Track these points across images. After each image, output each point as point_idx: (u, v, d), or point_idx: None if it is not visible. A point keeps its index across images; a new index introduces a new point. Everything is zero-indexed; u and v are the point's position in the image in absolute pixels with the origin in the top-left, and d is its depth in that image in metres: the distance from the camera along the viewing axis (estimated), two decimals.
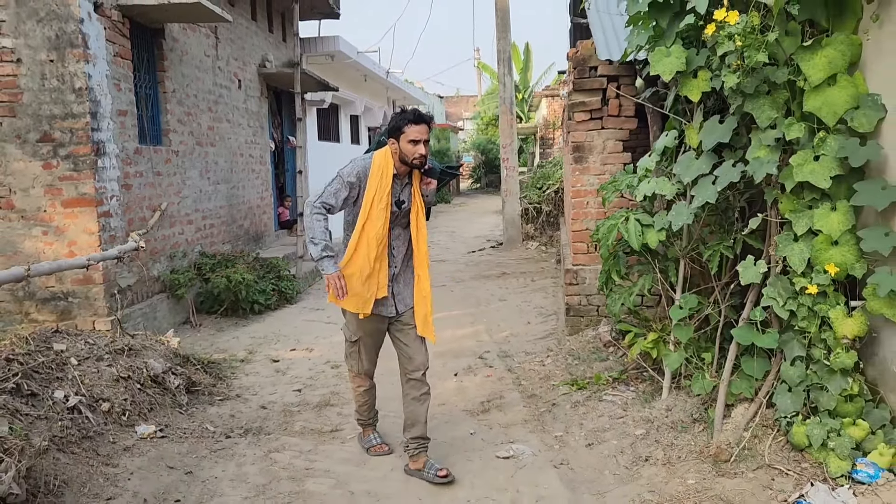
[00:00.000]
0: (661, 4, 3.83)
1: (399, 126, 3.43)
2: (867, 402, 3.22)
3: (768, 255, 3.61)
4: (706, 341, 4.07)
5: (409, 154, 3.43)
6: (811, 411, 3.29)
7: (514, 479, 3.58)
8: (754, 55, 3.26)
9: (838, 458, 3.07)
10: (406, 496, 3.43)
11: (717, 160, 3.77)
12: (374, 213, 3.40)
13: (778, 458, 3.26)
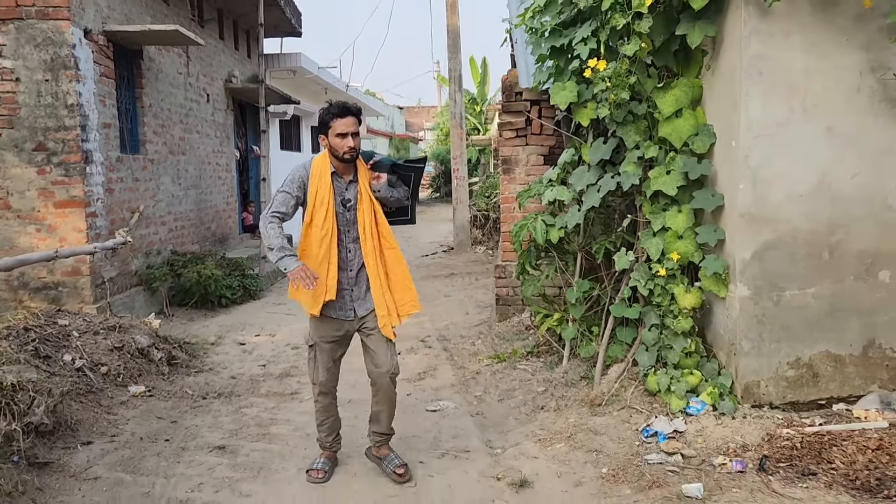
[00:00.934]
0: (557, 49, 4.82)
1: (325, 121, 3.38)
2: (703, 357, 4.23)
3: (636, 247, 4.61)
4: (596, 317, 5.06)
5: (338, 148, 3.36)
6: (662, 365, 4.29)
7: (439, 424, 4.50)
8: (620, 93, 4.26)
9: (677, 398, 4.07)
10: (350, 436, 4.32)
11: (602, 173, 4.77)
12: (316, 214, 3.39)
13: (637, 401, 4.25)
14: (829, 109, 3.85)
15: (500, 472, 3.71)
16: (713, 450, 3.68)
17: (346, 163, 3.43)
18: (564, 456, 3.84)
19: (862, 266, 3.96)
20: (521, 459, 3.86)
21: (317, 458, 3.79)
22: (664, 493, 3.32)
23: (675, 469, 3.54)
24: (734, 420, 3.88)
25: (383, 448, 3.73)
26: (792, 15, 3.79)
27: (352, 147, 3.36)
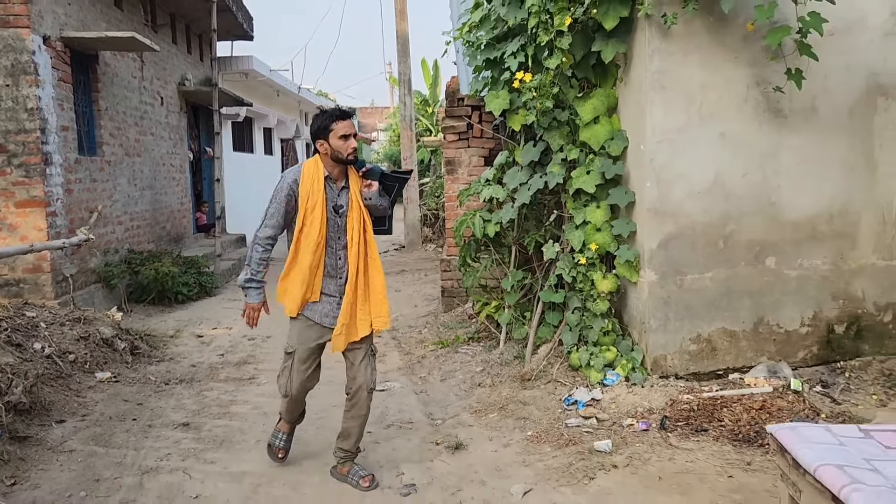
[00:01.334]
0: (491, 61, 5.33)
1: (326, 125, 3.35)
2: (618, 335, 4.79)
3: (562, 239, 5.15)
4: (529, 304, 5.58)
5: (342, 150, 3.35)
6: (583, 343, 4.83)
7: (386, 401, 4.95)
8: (545, 102, 4.79)
9: (596, 371, 4.61)
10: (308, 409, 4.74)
11: (532, 173, 5.29)
12: (309, 218, 3.36)
13: (561, 375, 4.78)
14: (722, 117, 4.44)
15: (438, 439, 4.19)
16: (623, 413, 4.22)
17: (345, 165, 3.42)
18: (496, 423, 4.34)
19: (751, 254, 4.57)
20: (458, 428, 4.35)
21: (278, 432, 3.84)
22: (578, 448, 3.84)
23: (589, 430, 4.07)
24: (643, 388, 4.44)
25: (348, 464, 3.67)
26: (689, 36, 4.37)
27: (355, 148, 3.38)
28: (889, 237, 4.62)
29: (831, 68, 4.44)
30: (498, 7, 5.12)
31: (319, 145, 3.40)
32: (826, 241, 4.60)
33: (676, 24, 4.26)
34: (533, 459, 3.81)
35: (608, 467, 3.61)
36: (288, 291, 3.49)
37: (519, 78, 4.83)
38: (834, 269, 4.62)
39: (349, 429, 3.64)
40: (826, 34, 4.27)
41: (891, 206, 4.59)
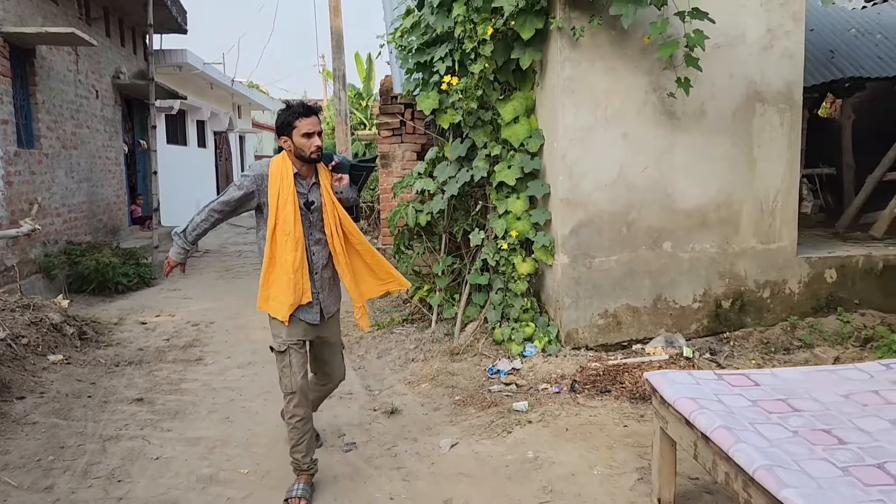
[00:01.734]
0: (422, 64, 5.81)
1: (289, 121, 3.26)
2: (536, 313, 5.36)
3: (487, 227, 5.69)
4: (458, 286, 6.11)
5: (305, 148, 3.25)
6: (506, 320, 5.38)
7: None
8: (470, 103, 5.31)
9: (516, 344, 5.17)
10: (251, 387, 5.15)
11: (459, 167, 5.80)
12: (283, 214, 3.25)
13: (486, 349, 5.32)
14: (624, 119, 5.05)
15: (375, 406, 4.66)
16: (540, 379, 4.79)
17: (310, 163, 3.33)
18: (428, 392, 4.85)
19: (651, 239, 5.20)
20: (393, 396, 4.83)
21: (294, 485, 3.41)
22: (499, 409, 4.39)
23: (509, 394, 4.62)
24: (557, 358, 5.03)
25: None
26: (595, 47, 4.95)
27: (319, 146, 3.27)
28: (766, 224, 5.33)
29: (717, 77, 5.11)
30: (427, 15, 5.59)
31: (283, 142, 3.31)
32: (714, 228, 5.28)
33: (584, 37, 4.84)
34: (459, 419, 4.33)
35: (524, 423, 4.17)
36: (273, 297, 3.31)
37: (447, 81, 5.32)
38: (721, 252, 5.31)
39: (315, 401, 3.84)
40: (712, 47, 4.94)
41: (767, 197, 5.30)
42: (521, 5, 4.85)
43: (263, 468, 3.78)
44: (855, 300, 5.53)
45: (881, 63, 7.53)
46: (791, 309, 5.44)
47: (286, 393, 3.39)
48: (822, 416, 2.58)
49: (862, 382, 2.90)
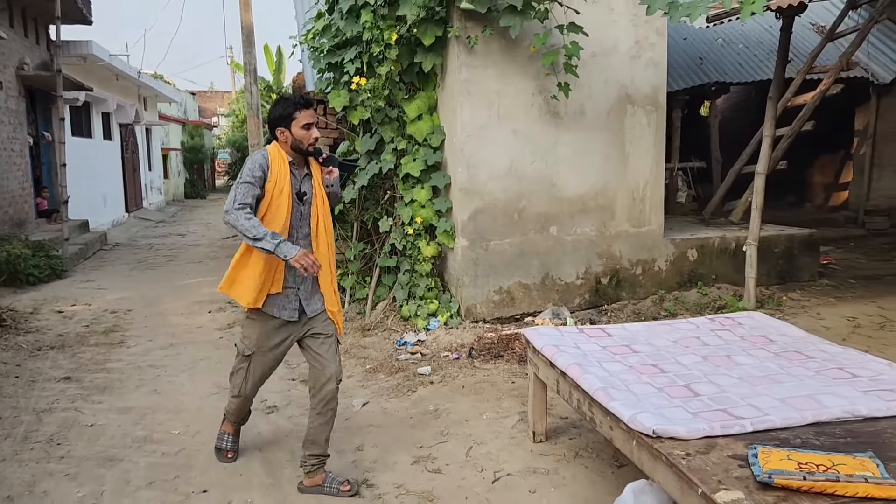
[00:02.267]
0: (333, 65, 6.30)
1: (289, 113, 3.22)
2: (440, 291, 5.97)
3: (395, 214, 6.24)
4: (369, 270, 6.64)
5: (303, 139, 3.22)
6: (412, 298, 5.96)
7: None
8: (378, 102, 5.85)
9: (422, 319, 5.76)
10: (175, 364, 5.51)
11: (369, 160, 6.32)
12: (275, 203, 3.20)
13: (395, 325, 5.89)
14: (514, 118, 5.71)
15: (293, 377, 5.15)
16: (442, 348, 5.40)
17: (306, 155, 3.30)
18: (342, 363, 5.36)
19: (539, 223, 5.89)
20: None
21: (224, 434, 3.75)
22: (406, 374, 4.96)
23: (415, 361, 5.21)
24: (458, 330, 5.65)
25: (320, 472, 3.41)
26: (488, 54, 5.58)
27: (317, 138, 3.27)
28: (637, 210, 6.12)
29: (594, 82, 5.84)
30: (338, 20, 6.08)
31: (280, 133, 3.25)
32: (593, 214, 6.02)
33: (478, 44, 5.46)
34: (370, 384, 4.88)
35: (426, 383, 4.76)
36: (240, 282, 3.28)
37: (356, 81, 5.84)
38: (599, 235, 6.06)
39: (319, 428, 3.37)
40: (589, 56, 5.66)
41: (638, 186, 6.09)
42: (423, 15, 5.42)
43: (193, 429, 4.21)
44: (712, 275, 6.41)
45: (742, 70, 8.54)
46: (659, 284, 6.26)
47: (233, 394, 3.55)
48: (653, 355, 3.28)
49: (689, 331, 3.64)
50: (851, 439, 2.40)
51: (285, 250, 3.05)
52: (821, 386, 2.82)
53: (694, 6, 4.55)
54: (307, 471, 3.41)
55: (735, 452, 2.31)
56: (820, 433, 2.46)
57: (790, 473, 2.08)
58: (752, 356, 3.25)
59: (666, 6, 4.66)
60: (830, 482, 2.04)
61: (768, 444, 2.35)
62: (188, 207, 22.74)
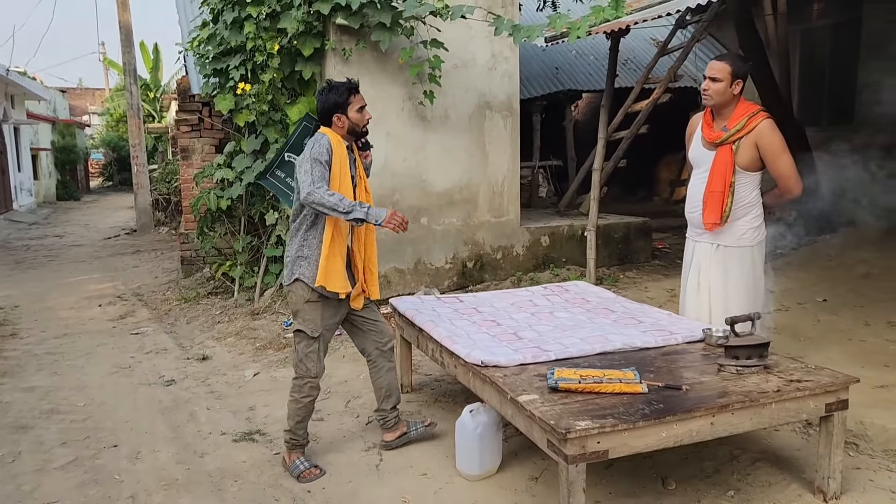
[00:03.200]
0: (218, 71, 6.79)
1: (345, 99, 3.41)
2: None
3: (280, 208, 6.82)
4: (257, 261, 7.17)
5: (360, 122, 3.45)
6: None
7: (142, 340, 6.23)
8: (261, 106, 6.41)
9: None
10: (72, 351, 5.86)
11: (255, 159, 6.85)
12: (343, 187, 3.36)
13: (283, 309, 6.47)
14: (387, 121, 6.43)
15: (188, 356, 5.65)
16: None
17: (358, 137, 3.53)
18: (233, 343, 5.91)
19: (412, 215, 6.64)
20: (204, 349, 5.83)
21: (295, 461, 3.57)
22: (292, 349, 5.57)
23: None
24: None
25: (402, 422, 3.77)
26: (363, 63, 6.28)
27: (369, 119, 3.54)
28: (497, 203, 7.00)
29: (457, 90, 6.66)
30: (222, 30, 6.58)
31: (336, 119, 3.42)
32: (459, 206, 6.84)
33: (352, 56, 6.14)
34: (260, 358, 5.47)
35: None
36: (335, 272, 3.42)
37: (241, 87, 6.38)
38: (465, 225, 6.89)
39: (390, 384, 3.72)
40: (452, 67, 6.47)
41: (497, 181, 6.97)
42: (302, 29, 6.04)
43: (98, 400, 4.67)
44: (563, 258, 7.40)
45: (592, 79, 9.66)
46: (517, 266, 7.17)
47: (307, 377, 3.56)
48: (493, 313, 4.10)
49: (525, 296, 4.50)
50: (625, 361, 3.28)
51: (375, 215, 3.31)
52: (613, 329, 3.71)
53: (532, 30, 5.45)
54: (392, 424, 3.73)
55: (539, 373, 3.13)
56: (604, 359, 3.33)
57: (570, 380, 2.91)
58: (570, 312, 4.13)
59: (510, 28, 5.54)
60: (597, 384, 2.88)
61: (564, 367, 3.18)
62: (62, 209, 22.00)
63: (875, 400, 3.90)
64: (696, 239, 3.91)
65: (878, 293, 5.80)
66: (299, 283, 3.48)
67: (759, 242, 3.78)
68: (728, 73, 3.57)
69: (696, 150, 3.85)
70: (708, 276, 3.81)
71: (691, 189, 3.88)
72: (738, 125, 3.60)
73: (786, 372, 3.07)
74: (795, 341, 4.95)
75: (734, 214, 3.70)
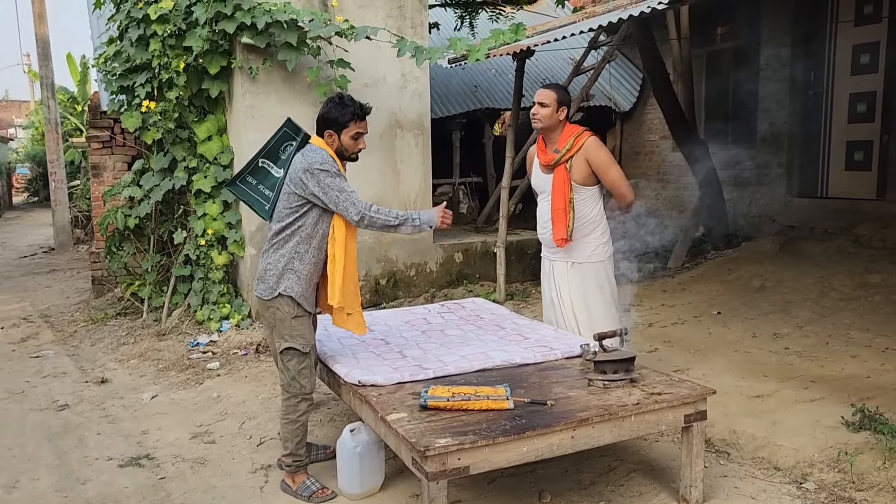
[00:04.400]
0: (125, 88, 6.68)
1: (345, 121, 3.26)
2: (233, 296, 6.54)
3: (189, 227, 6.73)
4: (166, 280, 7.05)
5: (351, 149, 3.33)
6: (207, 304, 6.49)
7: (41, 364, 6.04)
8: (168, 124, 6.34)
9: (215, 322, 6.31)
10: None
11: (163, 177, 6.76)
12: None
13: (190, 329, 6.39)
14: None
15: (88, 379, 5.51)
16: (233, 347, 5.98)
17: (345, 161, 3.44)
18: (136, 365, 5.79)
19: None
20: (105, 371, 5.70)
21: (304, 482, 3.41)
22: (196, 370, 5.51)
23: (206, 359, 5.76)
24: (248, 331, 6.25)
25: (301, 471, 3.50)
26: (270, 82, 6.28)
27: (362, 149, 3.40)
28: None
29: None
30: (128, 47, 6.50)
31: (328, 135, 3.32)
32: None
33: (259, 74, 6.14)
34: (162, 380, 5.38)
35: (214, 376, 5.35)
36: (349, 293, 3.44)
37: (146, 105, 6.29)
38: (377, 242, 6.93)
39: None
40: (363, 86, 6.54)
41: (409, 199, 7.04)
42: (207, 47, 6.01)
43: None
44: (476, 274, 7.51)
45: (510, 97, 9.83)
46: (431, 283, 7.25)
47: (304, 394, 3.37)
48: (385, 332, 4.15)
49: (421, 314, 4.57)
50: (501, 378, 3.36)
51: (428, 219, 3.37)
52: (496, 346, 3.80)
53: (433, 51, 5.57)
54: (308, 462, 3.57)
55: (415, 392, 3.18)
56: (481, 376, 3.40)
57: (440, 398, 2.98)
58: (461, 329, 4.21)
59: (413, 50, 5.64)
60: (465, 401, 2.95)
61: (442, 384, 3.25)
62: None
63: (748, 409, 4.10)
64: (552, 258, 4.22)
65: (768, 305, 6.08)
66: (285, 299, 3.33)
67: (609, 257, 4.13)
68: (554, 99, 3.93)
69: (536, 176, 4.19)
70: (568, 291, 4.08)
71: (539, 212, 4.20)
72: (567, 145, 3.96)
73: (650, 385, 3.21)
74: (685, 353, 5.15)
75: (582, 231, 4.00)
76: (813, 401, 4.13)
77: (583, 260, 4.05)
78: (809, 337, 5.26)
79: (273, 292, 3.36)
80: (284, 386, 3.46)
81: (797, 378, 4.49)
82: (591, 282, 4.03)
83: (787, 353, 5.01)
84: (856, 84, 7.51)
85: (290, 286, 3.33)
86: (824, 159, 7.91)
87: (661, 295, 6.93)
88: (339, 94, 3.48)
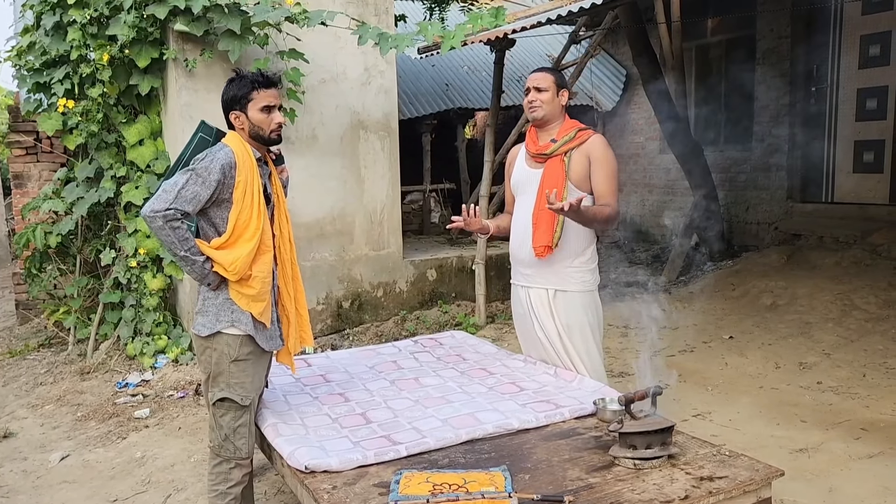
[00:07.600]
0: (41, 85, 5.74)
1: (243, 94, 2.67)
2: (171, 325, 5.63)
3: (118, 245, 5.81)
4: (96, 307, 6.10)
5: (264, 125, 2.67)
6: (139, 335, 5.57)
7: None
8: (91, 126, 5.41)
9: (148, 357, 5.40)
10: None
11: (88, 188, 5.83)
12: (254, 219, 2.65)
13: (119, 365, 5.46)
14: None
15: None
16: (168, 387, 5.08)
17: (267, 145, 2.76)
18: (50, 412, 4.86)
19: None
20: (12, 422, 4.75)
21: None
22: (120, 419, 4.60)
23: (134, 404, 4.85)
24: (188, 367, 5.35)
25: None
26: (210, 77, 5.39)
27: (280, 124, 2.71)
28: (376, 233, 6.23)
29: (325, 107, 5.86)
30: (43, 37, 5.56)
31: (234, 118, 2.72)
32: (332, 238, 6.02)
33: (197, 67, 5.25)
34: (77, 434, 4.46)
35: (141, 428, 4.44)
36: (251, 284, 2.68)
37: (62, 104, 5.37)
38: (339, 260, 6.08)
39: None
40: (319, 82, 5.69)
41: (375, 210, 6.20)
42: (134, 36, 5.11)
43: None
44: (452, 293, 6.69)
45: (484, 96, 9.07)
46: (401, 304, 6.41)
47: (237, 458, 2.72)
48: (344, 383, 3.31)
49: (389, 355, 3.73)
50: (495, 454, 2.55)
51: (212, 279, 2.64)
52: (486, 403, 2.98)
53: (400, 39, 4.74)
54: None
55: (382, 480, 2.35)
56: (469, 451, 2.59)
57: (416, 497, 2.15)
58: (440, 376, 3.38)
59: (376, 37, 4.81)
60: (451, 501, 2.13)
61: (416, 468, 2.42)
62: None
63: (795, 470, 3.33)
64: (526, 284, 3.38)
65: (785, 327, 5.36)
66: (224, 337, 2.67)
67: (597, 287, 3.36)
68: (552, 81, 3.25)
69: (519, 173, 3.40)
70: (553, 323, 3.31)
71: (516, 219, 3.39)
72: (567, 136, 3.22)
73: (694, 464, 2.42)
74: (703, 391, 4.40)
75: (570, 248, 3.22)
76: (871, 456, 3.39)
77: (568, 288, 3.24)
78: (842, 367, 4.54)
79: (210, 328, 2.70)
80: (214, 448, 2.77)
81: (843, 424, 3.75)
82: (580, 313, 3.25)
83: (820, 388, 4.28)
84: (865, 78, 6.86)
85: (235, 318, 2.68)
86: (829, 161, 7.25)
87: (658, 315, 6.18)
88: (236, 69, 2.88)
